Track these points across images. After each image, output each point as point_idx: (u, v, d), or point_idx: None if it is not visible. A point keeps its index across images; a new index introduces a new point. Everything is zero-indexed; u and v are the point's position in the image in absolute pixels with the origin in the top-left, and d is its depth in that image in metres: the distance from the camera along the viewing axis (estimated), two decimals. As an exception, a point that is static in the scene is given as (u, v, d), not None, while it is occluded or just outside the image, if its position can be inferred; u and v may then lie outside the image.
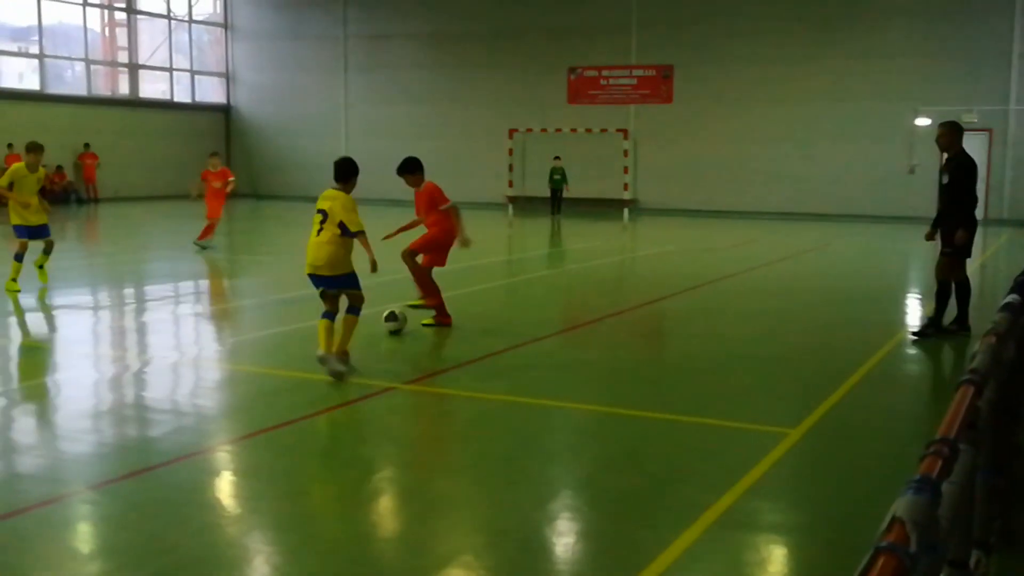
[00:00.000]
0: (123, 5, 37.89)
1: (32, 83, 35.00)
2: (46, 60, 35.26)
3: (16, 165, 14.20)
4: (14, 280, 13.91)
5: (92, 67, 37.14)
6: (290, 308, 13.19)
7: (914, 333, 11.39)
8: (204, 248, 19.85)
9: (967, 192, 11.07)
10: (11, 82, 34.65)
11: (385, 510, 6.05)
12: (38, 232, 14.29)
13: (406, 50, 37.95)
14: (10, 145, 30.63)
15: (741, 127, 33.31)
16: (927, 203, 30.79)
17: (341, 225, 9.07)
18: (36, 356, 10.59)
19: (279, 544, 5.42)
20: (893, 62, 31.23)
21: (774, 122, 32.85)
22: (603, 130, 35.05)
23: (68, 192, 34.35)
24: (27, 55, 35.48)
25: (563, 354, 10.73)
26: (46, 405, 8.47)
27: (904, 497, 2.25)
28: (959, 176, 11.05)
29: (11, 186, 13.91)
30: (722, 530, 5.53)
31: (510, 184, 36.25)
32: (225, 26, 41.41)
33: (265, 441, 7.21)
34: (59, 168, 34.16)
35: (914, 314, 14.01)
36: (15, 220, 14.09)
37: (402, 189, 20.29)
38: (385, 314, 10.93)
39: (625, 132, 34.92)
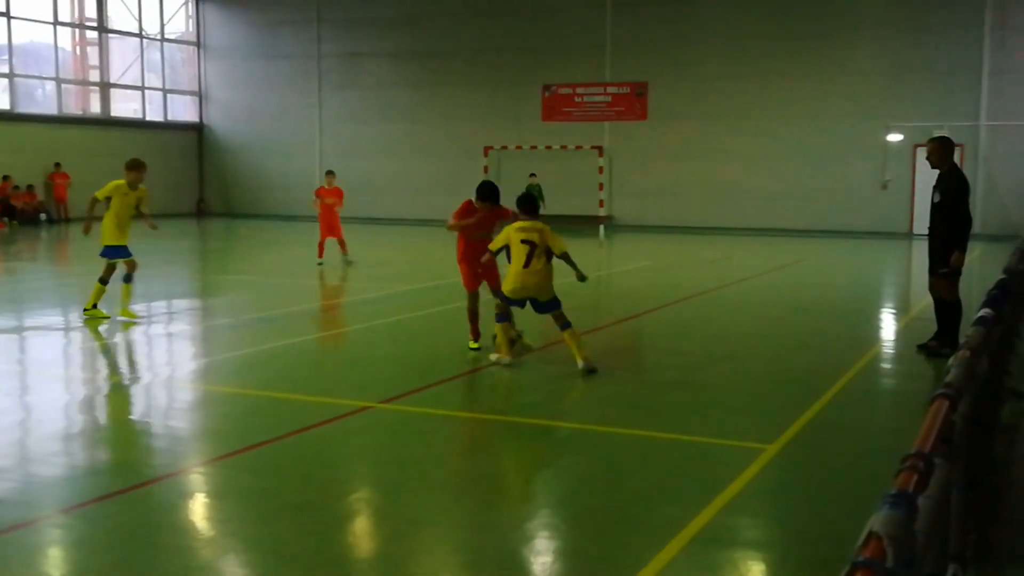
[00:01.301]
0: (94, 24, 37.68)
1: (2, 102, 34.75)
2: (16, 79, 35.01)
3: (117, 181, 13.52)
4: (95, 306, 13.38)
5: (63, 86, 36.91)
6: (265, 327, 13.12)
7: (931, 350, 11.05)
8: (320, 264, 20.28)
9: (960, 213, 10.67)
10: (-19, 102, 34.37)
11: (361, 531, 5.99)
12: (123, 252, 13.57)
13: (381, 68, 37.92)
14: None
15: (715, 144, 33.46)
16: (900, 218, 31.09)
17: (548, 251, 10.25)
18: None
19: (254, 566, 5.36)
20: (865, 78, 31.48)
21: (748, 138, 33.02)
22: (578, 147, 35.12)
23: (38, 211, 34.07)
24: (-3, 74, 35.24)
25: (540, 372, 10.67)
26: (16, 427, 8.28)
27: (880, 512, 2.25)
28: (952, 195, 10.64)
29: (108, 201, 13.37)
30: (700, 546, 5.52)
31: (485, 202, 36.22)
32: (198, 44, 41.26)
33: (240, 462, 7.14)
34: (30, 187, 33.90)
35: (889, 329, 14.05)
36: (107, 240, 13.42)
37: (377, 207, 20.49)
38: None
39: (600, 149, 35.00)
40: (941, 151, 10.83)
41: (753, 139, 32.97)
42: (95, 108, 38.06)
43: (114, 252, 13.41)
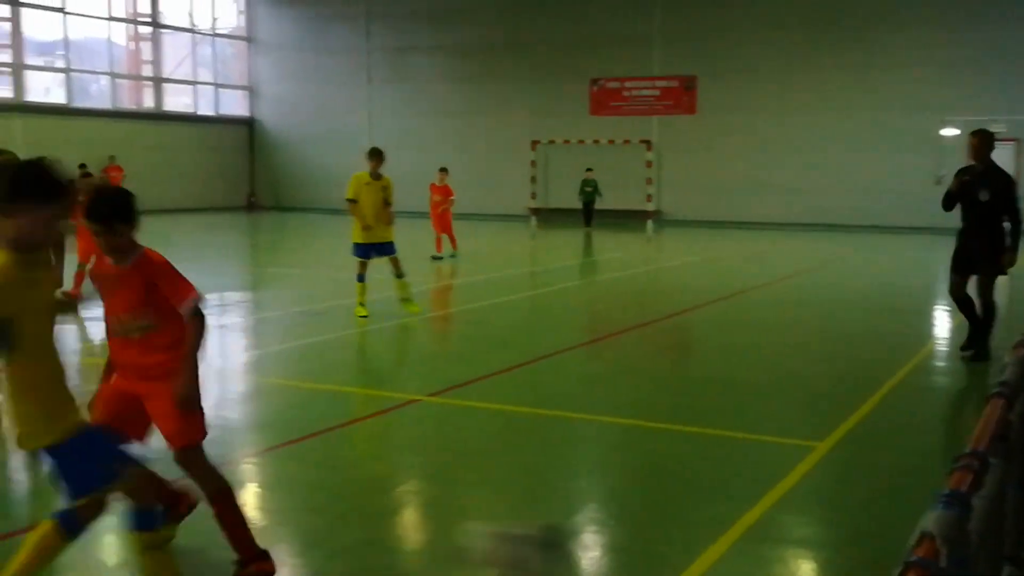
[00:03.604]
0: (148, 19, 38.11)
1: (58, 97, 35.26)
2: (72, 74, 35.50)
3: (358, 174, 12.97)
4: (362, 304, 12.84)
5: (117, 81, 37.39)
6: (317, 320, 13.16)
7: (970, 354, 10.64)
8: (437, 259, 20.37)
9: (1017, 211, 10.21)
10: (38, 96, 34.90)
11: (410, 523, 6.02)
12: (382, 249, 12.92)
13: (429, 62, 38.02)
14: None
15: (765, 137, 33.17)
16: (954, 214, 30.54)
17: None
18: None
19: (302, 557, 5.39)
20: (918, 72, 31.02)
21: (798, 132, 32.70)
22: (626, 141, 34.99)
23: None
24: (53, 69, 35.75)
25: (588, 366, 10.66)
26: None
27: (934, 511, 2.22)
28: (1004, 193, 10.20)
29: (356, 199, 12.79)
30: (749, 544, 5.47)
31: (533, 196, 36.22)
32: (248, 39, 41.60)
33: (290, 453, 7.19)
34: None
35: (942, 326, 13.85)
36: (356, 237, 12.88)
37: (425, 202, 20.45)
38: None
39: (648, 143, 34.84)
40: (985, 145, 10.40)
41: (804, 133, 32.64)
42: (148, 103, 38.51)
43: (365, 250, 12.91)
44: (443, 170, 21.64)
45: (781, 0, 32.72)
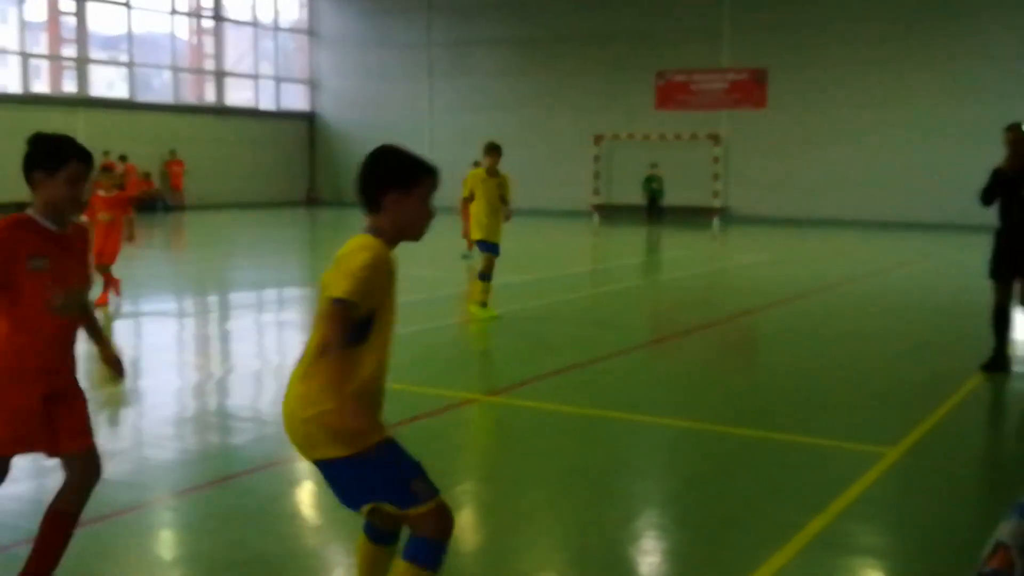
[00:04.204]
0: (210, 13, 38.28)
1: (121, 91, 35.53)
2: (135, 68, 35.73)
3: (475, 170, 12.65)
4: (483, 304, 12.37)
5: (179, 75, 37.59)
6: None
7: (993, 366, 9.69)
8: (465, 258, 19.39)
9: None
10: (101, 90, 35.19)
11: (466, 524, 5.87)
12: (491, 248, 12.46)
13: (491, 57, 37.77)
14: (106, 153, 31.00)
15: (837, 133, 32.40)
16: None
17: None
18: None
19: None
20: (998, 62, 30.05)
21: (872, 127, 31.89)
22: (693, 136, 34.45)
23: (156, 199, 34.70)
24: (116, 63, 36.01)
25: (651, 368, 10.52)
26: (130, 411, 8.35)
27: (1009, 521, 2.18)
28: None
29: (472, 196, 12.40)
30: (815, 552, 5.32)
31: (596, 192, 35.80)
32: (310, 33, 41.65)
33: None
34: (147, 175, 34.56)
35: (1021, 331, 13.30)
36: (476, 234, 12.45)
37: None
38: None
39: (716, 138, 34.27)
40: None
41: (877, 128, 31.83)
42: (210, 97, 38.68)
43: (488, 247, 12.49)
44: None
45: (854, -9, 31.96)
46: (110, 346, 4.52)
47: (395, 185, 3.78)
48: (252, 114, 39.79)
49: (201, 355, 10.89)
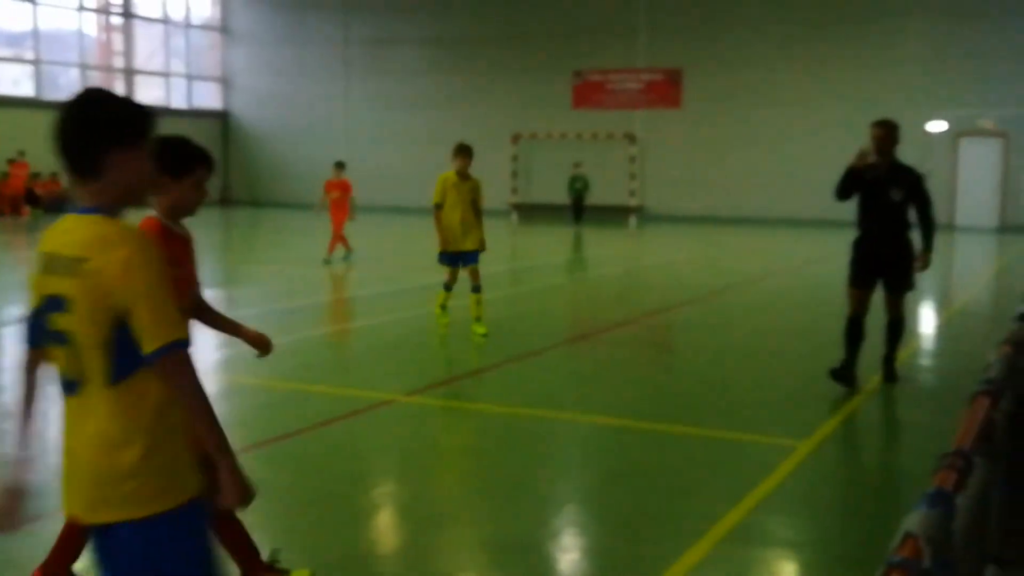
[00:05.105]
0: (120, 9, 37.40)
1: (27, 89, 34.53)
2: (41, 66, 34.77)
3: (445, 174, 11.46)
4: (443, 308, 11.55)
5: (87, 72, 36.64)
6: (289, 318, 12.95)
7: (839, 376, 9.02)
8: (327, 263, 18.57)
9: (931, 209, 9.03)
10: (6, 88, 34.18)
11: (385, 525, 5.90)
12: (467, 258, 11.42)
13: (408, 55, 37.45)
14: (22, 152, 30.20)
15: (751, 131, 32.77)
16: (942, 208, 30.20)
17: None
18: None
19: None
20: (907, 66, 30.71)
21: (785, 127, 32.31)
22: (610, 135, 34.54)
23: (63, 201, 33.76)
24: (22, 61, 35.00)
25: (569, 365, 10.56)
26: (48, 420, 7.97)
27: (917, 511, 2.23)
28: (918, 191, 8.97)
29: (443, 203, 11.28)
30: (730, 545, 5.44)
31: (514, 191, 35.71)
32: (222, 30, 40.92)
33: (263, 455, 6.99)
34: (53, 175, 33.65)
35: (929, 323, 13.61)
36: (443, 245, 11.38)
37: (404, 196, 20.14)
38: None
39: (632, 137, 34.40)
40: (891, 138, 9.00)
41: (790, 127, 32.25)
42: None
43: (450, 258, 11.53)
44: (339, 165, 20.21)
45: (769, -7, 32.34)
46: (248, 329, 4.75)
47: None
48: (163, 113, 38.91)
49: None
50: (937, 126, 30.07)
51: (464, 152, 11.28)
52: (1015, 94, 29.57)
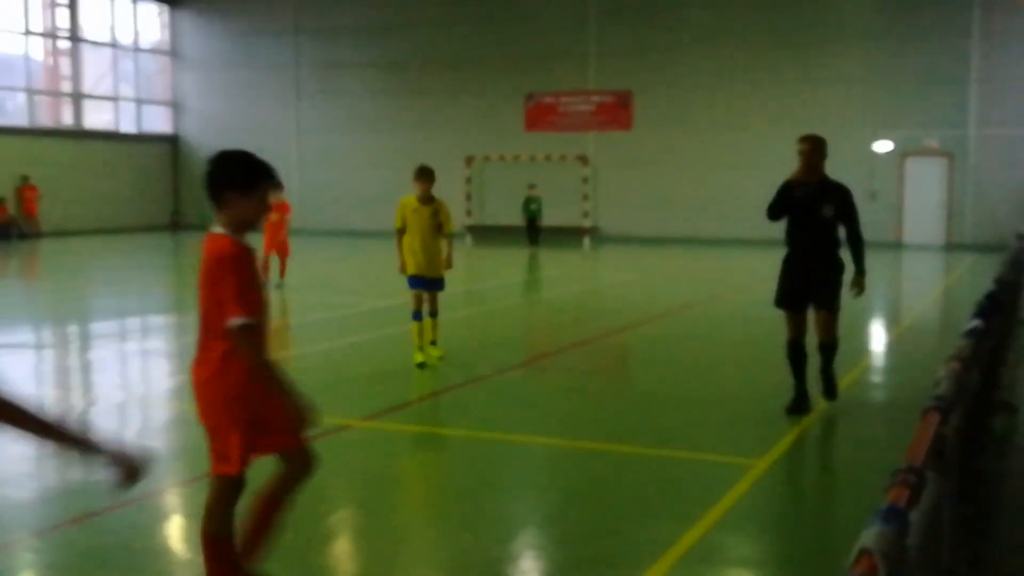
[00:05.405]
0: (67, 33, 37.03)
1: (-28, 114, 34.06)
2: (-13, 90, 34.34)
3: (405, 198, 11.05)
4: (420, 349, 10.97)
5: (34, 97, 36.23)
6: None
7: (796, 409, 8.82)
8: (279, 287, 18.18)
9: (859, 228, 8.94)
10: (-50, 113, 33.68)
11: (341, 551, 5.85)
12: (430, 284, 11.05)
13: (360, 78, 37.40)
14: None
15: (702, 153, 33.07)
16: (889, 228, 30.75)
17: None
18: None
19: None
20: (852, 87, 31.18)
21: (735, 148, 32.63)
22: (562, 157, 34.71)
23: (10, 227, 33.36)
24: (-33, 85, 34.55)
25: (524, 387, 10.51)
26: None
27: (872, 528, 2.26)
28: (847, 208, 8.91)
29: (404, 228, 10.94)
30: (690, 565, 5.44)
31: (468, 213, 35.74)
32: (172, 54, 40.64)
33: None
34: (1, 201, 33.22)
35: (879, 340, 13.80)
36: (410, 269, 10.93)
37: (357, 219, 20.08)
38: None
39: (584, 159, 34.60)
40: (819, 153, 9.04)
41: (740, 148, 32.58)
42: (67, 120, 37.36)
43: (419, 283, 11.05)
44: (277, 185, 19.64)
45: (718, 18, 32.72)
46: None
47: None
48: (112, 137, 38.56)
49: (60, 387, 10.43)
50: (883, 146, 30.55)
51: (424, 175, 10.86)
52: (958, 115, 30.16)
